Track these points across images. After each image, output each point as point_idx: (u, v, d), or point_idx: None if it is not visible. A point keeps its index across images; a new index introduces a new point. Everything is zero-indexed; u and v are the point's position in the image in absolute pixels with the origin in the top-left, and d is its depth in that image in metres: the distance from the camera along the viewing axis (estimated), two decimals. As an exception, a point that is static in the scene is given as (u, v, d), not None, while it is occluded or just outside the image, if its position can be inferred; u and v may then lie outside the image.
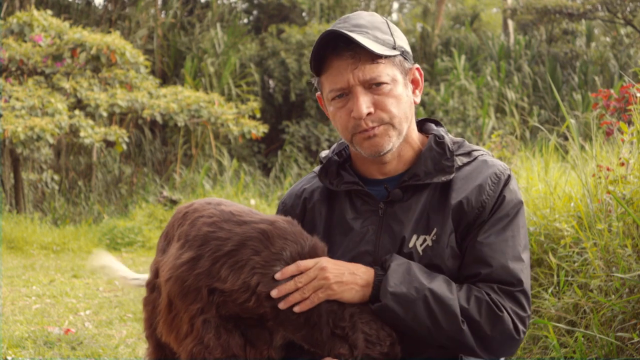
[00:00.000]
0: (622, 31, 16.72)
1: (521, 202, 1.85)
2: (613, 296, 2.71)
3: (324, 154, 2.02)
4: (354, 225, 1.87)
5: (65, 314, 4.92)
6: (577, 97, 13.94)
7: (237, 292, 1.70)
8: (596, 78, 14.68)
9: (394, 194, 1.85)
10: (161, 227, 9.25)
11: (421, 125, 1.99)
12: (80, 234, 8.96)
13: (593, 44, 17.10)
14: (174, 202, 10.41)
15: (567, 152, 5.23)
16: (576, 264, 3.13)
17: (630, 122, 3.41)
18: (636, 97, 3.20)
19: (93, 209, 10.97)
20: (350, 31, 1.81)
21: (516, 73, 15.44)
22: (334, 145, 2.03)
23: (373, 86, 1.80)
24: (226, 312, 1.71)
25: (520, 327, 1.76)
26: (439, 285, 1.73)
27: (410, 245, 1.81)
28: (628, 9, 14.86)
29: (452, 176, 1.83)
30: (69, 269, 6.99)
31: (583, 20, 16.54)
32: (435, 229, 1.80)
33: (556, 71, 15.26)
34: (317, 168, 2.02)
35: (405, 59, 1.86)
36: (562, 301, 3.01)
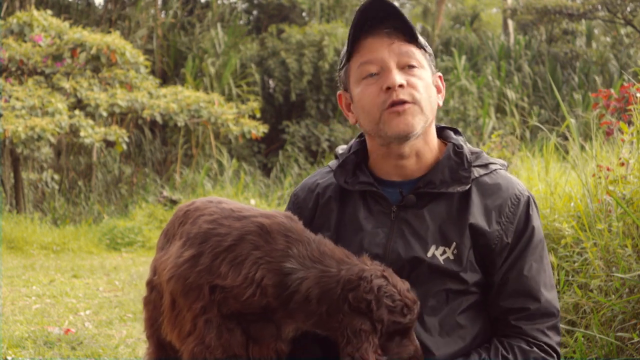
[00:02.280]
0: (622, 31, 16.72)
1: (542, 229, 1.88)
2: (613, 296, 2.71)
3: (340, 149, 2.01)
4: (366, 225, 1.86)
5: (65, 314, 4.92)
6: (577, 97, 13.94)
7: (238, 288, 1.69)
8: (597, 78, 14.68)
9: (408, 200, 1.84)
10: (161, 227, 9.25)
11: (440, 132, 1.96)
12: (80, 234, 8.96)
13: (593, 44, 17.10)
14: (174, 202, 10.41)
15: (567, 152, 5.23)
16: (576, 264, 3.13)
17: (630, 122, 3.40)
18: (636, 97, 3.19)
19: (93, 209, 10.97)
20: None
21: (516, 73, 15.44)
22: (352, 142, 2.01)
23: (406, 67, 1.81)
24: (228, 309, 1.71)
25: (559, 350, 1.84)
26: None
27: (429, 254, 1.80)
28: (628, 9, 14.86)
29: (467, 187, 1.83)
30: (69, 269, 6.99)
31: (583, 20, 16.54)
32: (454, 243, 1.80)
33: (556, 71, 15.26)
34: (332, 163, 2.01)
35: (432, 60, 1.89)
36: (562, 301, 3.00)
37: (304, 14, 17.53)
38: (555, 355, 1.82)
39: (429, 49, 1.88)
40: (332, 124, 14.48)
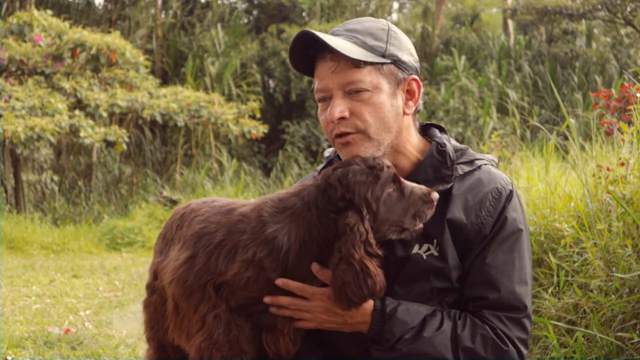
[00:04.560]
0: (622, 31, 16.72)
1: (522, 221, 1.84)
2: (613, 296, 2.71)
3: (327, 153, 2.03)
4: None
5: (65, 314, 4.92)
6: (578, 97, 13.94)
7: (238, 275, 1.70)
8: (597, 78, 14.68)
9: None
10: (161, 227, 9.23)
11: (425, 130, 1.96)
12: (80, 234, 8.96)
13: (593, 44, 17.10)
14: (174, 202, 10.41)
15: (567, 152, 5.23)
16: (576, 264, 3.13)
17: (630, 122, 3.40)
18: (636, 97, 3.19)
19: (93, 209, 10.97)
20: (337, 35, 1.79)
21: (516, 73, 15.44)
22: None
23: (352, 92, 1.77)
24: (236, 302, 1.72)
25: (524, 351, 1.79)
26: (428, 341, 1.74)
27: (414, 251, 1.80)
28: (628, 9, 14.86)
29: (449, 185, 1.82)
30: (69, 269, 6.99)
31: (583, 20, 16.54)
32: (435, 240, 1.80)
33: (556, 71, 15.26)
34: (319, 167, 2.02)
35: (398, 68, 1.81)
36: (562, 301, 3.00)
37: (304, 13, 17.52)
38: (510, 346, 1.76)
39: (391, 54, 1.80)
40: (332, 124, 14.48)
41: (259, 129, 11.59)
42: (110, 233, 9.10)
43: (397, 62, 1.81)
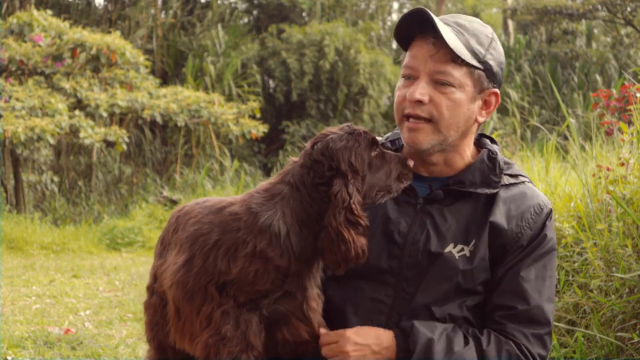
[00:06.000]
0: (622, 31, 16.72)
1: (555, 245, 1.89)
2: (613, 296, 2.71)
3: (377, 138, 2.05)
4: (390, 213, 1.88)
5: (65, 314, 4.91)
6: (578, 97, 13.94)
7: (244, 271, 1.70)
8: (598, 77, 14.68)
9: (435, 194, 1.86)
10: (161, 227, 9.25)
11: (477, 139, 1.99)
12: (80, 234, 8.96)
13: (593, 44, 17.10)
14: (174, 202, 10.41)
15: (567, 152, 5.23)
16: (576, 264, 3.13)
17: (630, 122, 3.40)
18: (636, 97, 3.19)
19: (93, 209, 10.97)
20: (446, 24, 1.82)
21: (516, 73, 15.44)
22: (389, 133, 2.05)
23: (439, 83, 1.80)
24: (245, 298, 1.71)
25: None
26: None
27: (447, 250, 1.82)
28: (628, 9, 14.86)
29: (495, 191, 1.85)
30: (69, 269, 6.99)
31: (583, 20, 16.54)
32: (474, 240, 1.82)
33: (556, 71, 15.27)
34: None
35: (487, 77, 1.85)
36: (562, 301, 3.00)
37: (304, 13, 17.52)
38: None
39: (486, 62, 1.83)
40: (332, 124, 14.47)
41: (259, 129, 11.59)
42: (110, 233, 9.09)
43: (488, 71, 1.85)
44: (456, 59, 1.79)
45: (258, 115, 12.57)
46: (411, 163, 1.78)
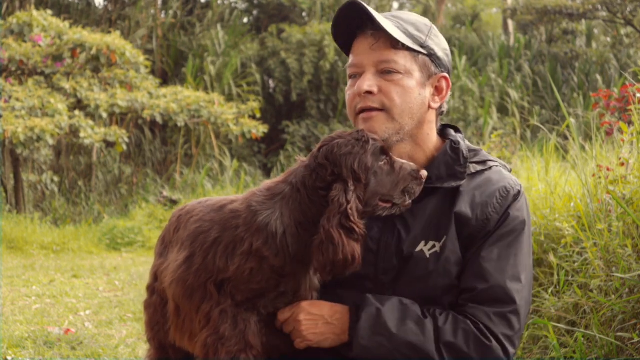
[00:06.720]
0: (622, 31, 16.73)
1: (525, 222, 1.84)
2: (613, 296, 2.71)
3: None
4: None
5: (65, 314, 4.91)
6: (578, 97, 13.94)
7: (240, 269, 1.70)
8: (598, 77, 14.68)
9: None
10: (161, 227, 9.25)
11: (441, 131, 1.98)
12: (80, 234, 8.96)
13: (593, 44, 17.10)
14: (174, 202, 10.41)
15: (567, 152, 5.23)
16: (576, 264, 3.13)
17: (630, 122, 3.40)
18: (636, 97, 3.19)
19: (93, 209, 10.97)
20: (385, 17, 1.82)
21: (516, 73, 15.44)
22: None
23: (385, 72, 1.80)
24: (242, 296, 1.72)
25: (510, 349, 1.77)
26: (411, 330, 1.74)
27: (418, 249, 1.81)
28: (628, 9, 14.86)
29: (462, 182, 1.83)
30: (69, 269, 6.99)
31: (583, 20, 16.54)
32: (445, 236, 1.80)
33: (556, 71, 15.27)
34: None
35: (432, 62, 1.85)
36: (562, 301, 3.00)
37: (304, 13, 17.52)
38: (494, 341, 1.74)
39: (428, 47, 1.84)
40: (332, 124, 14.48)
41: (259, 129, 11.59)
42: (110, 233, 9.10)
43: (432, 56, 1.85)
44: (396, 45, 1.79)
45: (258, 115, 12.57)
46: (424, 174, 1.75)
